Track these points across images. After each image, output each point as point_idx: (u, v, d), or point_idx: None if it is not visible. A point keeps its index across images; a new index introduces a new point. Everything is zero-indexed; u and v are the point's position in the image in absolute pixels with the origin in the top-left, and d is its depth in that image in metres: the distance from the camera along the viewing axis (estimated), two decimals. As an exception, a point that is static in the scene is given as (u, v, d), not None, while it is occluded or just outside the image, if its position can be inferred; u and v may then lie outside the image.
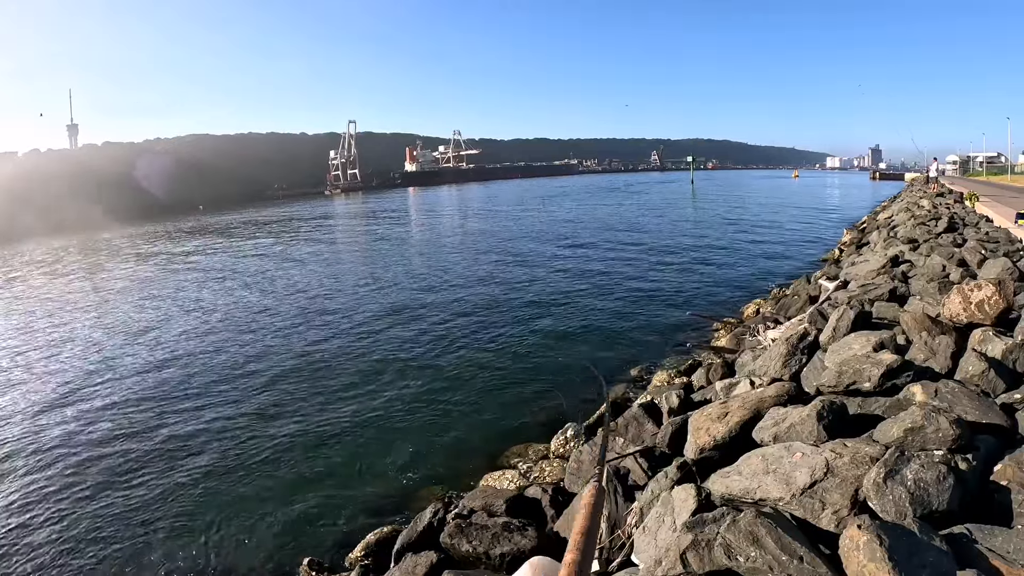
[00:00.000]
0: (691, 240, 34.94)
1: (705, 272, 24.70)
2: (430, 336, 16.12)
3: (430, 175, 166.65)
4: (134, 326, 18.99)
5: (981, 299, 6.61)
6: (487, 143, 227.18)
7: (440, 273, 26.35)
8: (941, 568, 2.94)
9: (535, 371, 13.18)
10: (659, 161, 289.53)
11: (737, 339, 11.98)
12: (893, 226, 23.68)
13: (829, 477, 3.88)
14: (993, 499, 3.62)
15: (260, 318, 19.13)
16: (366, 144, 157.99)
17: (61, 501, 8.79)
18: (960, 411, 4.40)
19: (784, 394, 5.79)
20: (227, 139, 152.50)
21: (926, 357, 5.90)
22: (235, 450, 10.06)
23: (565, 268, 26.37)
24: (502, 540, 5.79)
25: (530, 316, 17.91)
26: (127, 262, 35.91)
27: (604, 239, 36.09)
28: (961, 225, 18.94)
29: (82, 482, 9.31)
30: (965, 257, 12.01)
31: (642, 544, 4.41)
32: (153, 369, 14.48)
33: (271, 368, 14.04)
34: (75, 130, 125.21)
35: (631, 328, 16.26)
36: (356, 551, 6.85)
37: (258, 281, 26.33)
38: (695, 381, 10.00)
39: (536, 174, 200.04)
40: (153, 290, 25.59)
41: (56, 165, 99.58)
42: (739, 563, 3.44)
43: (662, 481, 5.12)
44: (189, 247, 41.80)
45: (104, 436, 10.94)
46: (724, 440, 5.36)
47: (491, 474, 8.37)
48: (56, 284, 29.19)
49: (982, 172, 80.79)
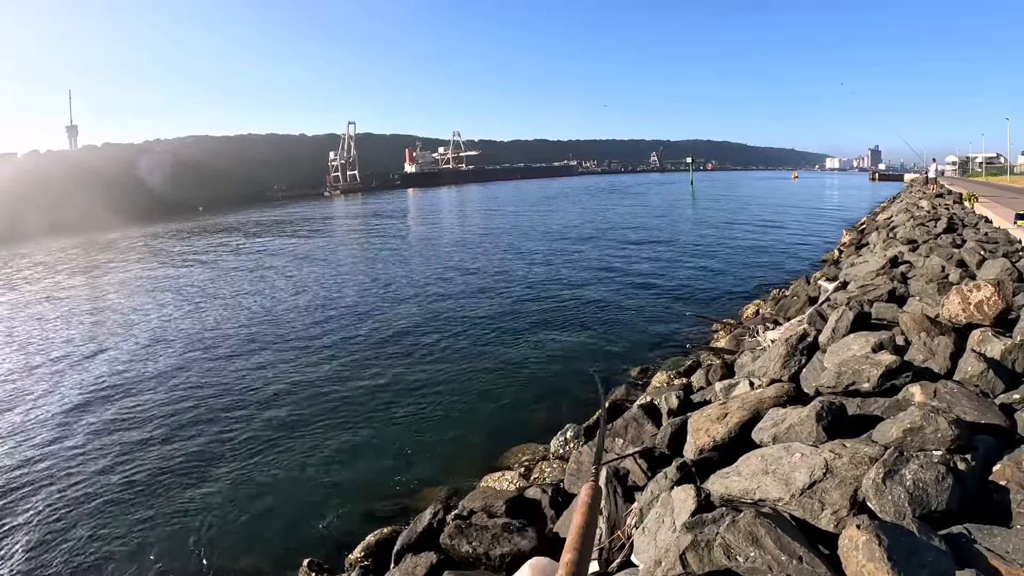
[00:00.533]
0: (691, 241, 34.95)
1: (705, 273, 24.71)
2: (429, 337, 16.11)
3: (429, 176, 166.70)
4: (131, 328, 18.98)
5: (980, 300, 6.62)
6: (486, 144, 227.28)
7: (438, 275, 26.35)
8: (940, 568, 2.94)
9: (534, 372, 13.19)
10: (659, 162, 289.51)
11: (736, 340, 11.99)
12: (892, 227, 23.70)
13: (828, 477, 3.89)
14: (992, 499, 3.63)
15: (258, 321, 19.13)
16: (365, 145, 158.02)
17: (60, 499, 8.79)
18: (959, 411, 4.40)
19: (783, 395, 5.79)
20: (226, 140, 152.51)
21: (925, 358, 5.91)
22: (233, 451, 10.06)
23: (564, 269, 26.38)
24: (502, 541, 5.80)
25: (530, 317, 17.92)
26: (125, 264, 35.89)
27: (603, 240, 36.13)
28: (960, 226, 18.96)
29: (79, 479, 9.31)
30: (964, 258, 12.03)
31: (642, 545, 4.41)
32: (151, 369, 14.48)
33: (269, 369, 14.04)
34: (75, 131, 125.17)
35: (631, 329, 16.27)
36: (356, 552, 6.85)
37: (255, 283, 26.32)
38: (695, 382, 10.01)
39: (535, 175, 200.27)
40: (152, 291, 25.61)
41: (55, 166, 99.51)
42: (739, 563, 3.44)
43: (662, 482, 5.12)
44: (189, 248, 41.78)
45: (98, 435, 10.93)
46: (724, 441, 5.36)
47: (491, 475, 8.38)
48: (53, 285, 29.17)
49: (981, 173, 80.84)
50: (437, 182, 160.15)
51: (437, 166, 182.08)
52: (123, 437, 10.89)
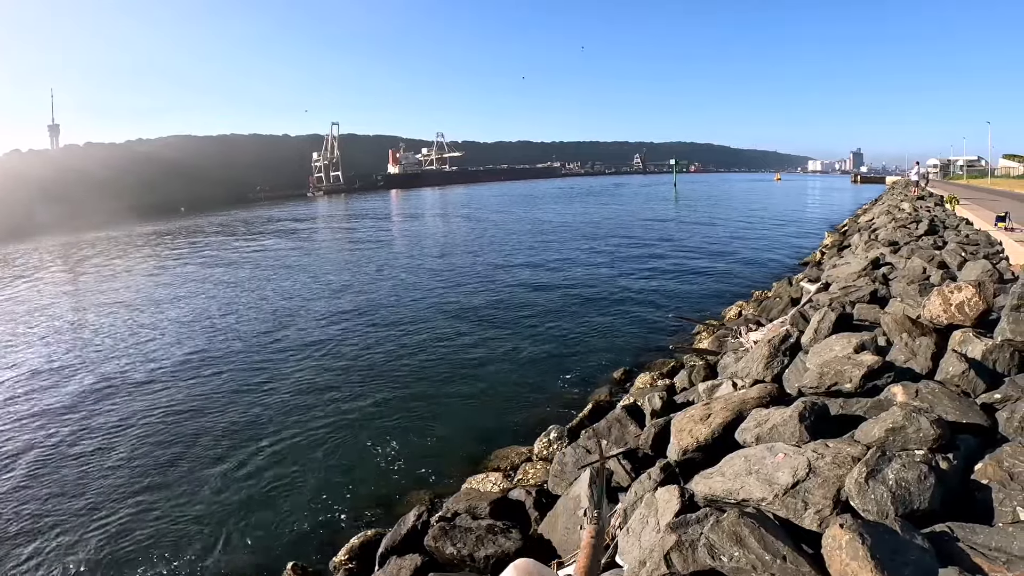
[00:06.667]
0: (673, 243, 35.03)
1: (687, 274, 24.77)
2: (411, 339, 16.04)
3: (413, 177, 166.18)
4: (97, 335, 18.78)
5: (961, 301, 6.68)
6: (470, 146, 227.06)
7: (421, 276, 26.25)
8: (924, 566, 2.96)
9: (517, 374, 13.15)
10: (642, 164, 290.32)
11: (720, 341, 12.03)
12: (874, 229, 23.90)
13: (811, 477, 3.90)
14: (974, 497, 3.66)
15: (233, 322, 18.96)
16: (349, 146, 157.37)
17: (37, 505, 8.68)
18: (941, 411, 4.44)
19: (766, 395, 5.82)
20: (210, 140, 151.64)
21: (907, 358, 5.95)
22: (216, 455, 9.95)
23: (545, 271, 26.33)
24: (486, 542, 5.78)
25: (511, 319, 17.88)
26: (101, 265, 35.45)
27: (586, 242, 36.11)
28: (942, 228, 19.13)
29: (55, 487, 9.20)
30: (945, 259, 12.14)
31: (626, 545, 4.42)
32: (133, 375, 14.34)
33: (248, 374, 13.92)
34: (56, 131, 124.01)
35: (614, 330, 16.27)
36: (340, 555, 6.81)
37: (239, 287, 26.11)
38: (678, 383, 10.04)
39: (519, 177, 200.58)
40: (128, 293, 25.33)
41: (37, 166, 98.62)
42: (723, 563, 3.44)
43: (645, 483, 5.13)
44: (168, 250, 41.40)
45: (75, 441, 10.81)
46: (707, 441, 5.38)
47: (474, 477, 8.34)
48: (28, 287, 28.83)
49: (963, 176, 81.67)
50: (420, 183, 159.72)
51: (421, 167, 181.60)
52: (100, 443, 10.77)
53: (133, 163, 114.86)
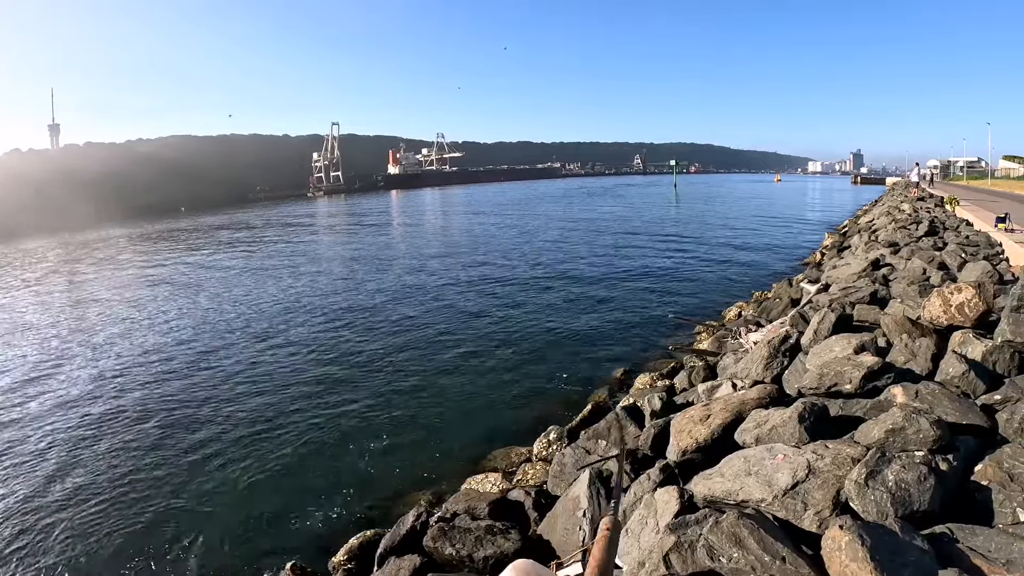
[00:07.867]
0: (673, 243, 34.97)
1: (687, 275, 24.75)
2: (410, 340, 16.02)
3: (413, 178, 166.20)
4: (109, 329, 18.79)
5: (961, 302, 6.68)
6: (470, 146, 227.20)
7: (421, 276, 26.24)
8: (923, 567, 2.95)
9: (517, 374, 13.13)
10: (642, 165, 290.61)
11: (719, 342, 12.02)
12: (874, 230, 23.90)
13: (811, 478, 3.90)
14: (974, 499, 3.65)
15: (232, 321, 18.95)
16: (349, 146, 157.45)
17: (34, 505, 8.67)
18: (941, 412, 4.43)
19: (766, 396, 5.82)
20: (210, 140, 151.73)
21: (907, 359, 5.95)
22: (215, 455, 9.93)
23: (545, 271, 26.30)
24: (485, 543, 5.76)
25: (510, 319, 17.86)
26: (100, 265, 35.47)
27: (585, 242, 36.12)
28: (942, 229, 19.11)
29: (53, 487, 9.18)
30: (945, 260, 12.14)
31: (625, 546, 4.40)
32: (133, 375, 14.33)
33: (246, 373, 13.91)
34: (56, 130, 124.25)
35: (613, 331, 16.25)
36: (339, 555, 6.79)
37: (239, 287, 26.12)
38: (677, 384, 10.03)
39: (519, 177, 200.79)
40: (127, 293, 25.33)
41: (37, 166, 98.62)
42: (722, 564, 3.44)
43: (645, 483, 5.12)
44: (168, 250, 41.40)
45: (73, 441, 10.80)
46: (706, 442, 5.38)
47: (474, 477, 8.32)
48: (28, 287, 28.84)
49: (963, 176, 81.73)
50: (420, 184, 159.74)
51: (421, 167, 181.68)
52: (99, 443, 10.75)
53: (133, 163, 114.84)
